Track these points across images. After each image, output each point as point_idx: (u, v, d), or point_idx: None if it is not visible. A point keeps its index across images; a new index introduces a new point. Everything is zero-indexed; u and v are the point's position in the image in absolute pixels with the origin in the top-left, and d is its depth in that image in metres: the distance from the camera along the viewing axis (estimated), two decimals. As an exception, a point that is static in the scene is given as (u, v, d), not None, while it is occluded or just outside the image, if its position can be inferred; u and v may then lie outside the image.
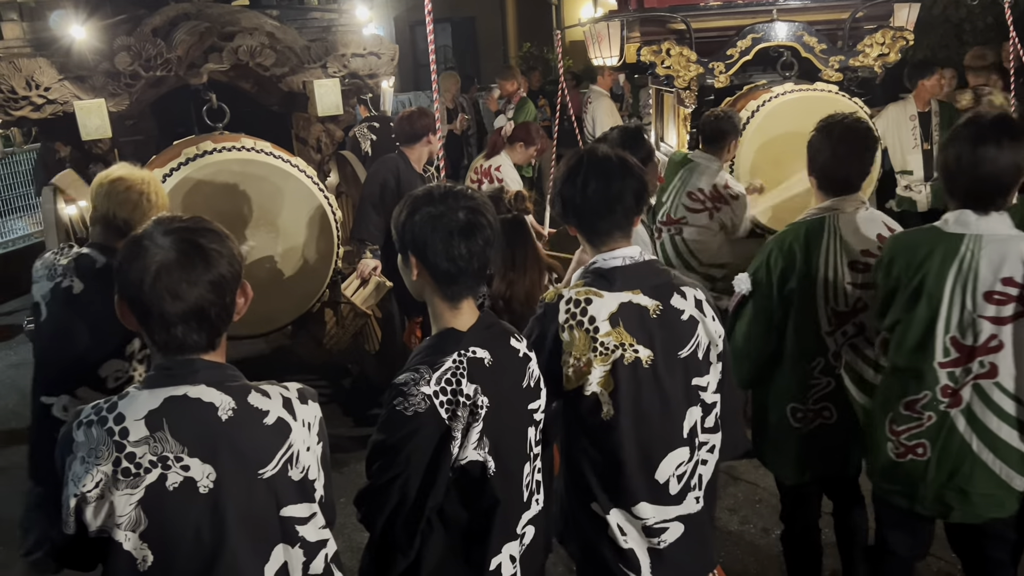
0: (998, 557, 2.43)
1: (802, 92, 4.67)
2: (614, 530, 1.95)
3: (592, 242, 1.99)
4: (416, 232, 1.70)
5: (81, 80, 3.76)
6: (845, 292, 2.55)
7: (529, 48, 13.60)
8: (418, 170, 4.38)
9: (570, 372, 1.90)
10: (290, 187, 3.80)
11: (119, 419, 1.47)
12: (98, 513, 1.47)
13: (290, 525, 1.57)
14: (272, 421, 1.54)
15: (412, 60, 15.34)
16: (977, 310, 2.18)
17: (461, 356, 1.69)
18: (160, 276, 1.47)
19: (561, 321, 1.90)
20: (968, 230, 2.19)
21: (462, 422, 1.66)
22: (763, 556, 3.37)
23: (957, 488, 2.30)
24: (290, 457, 1.55)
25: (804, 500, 2.84)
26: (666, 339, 1.91)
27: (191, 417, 1.49)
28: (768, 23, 4.98)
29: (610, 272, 1.93)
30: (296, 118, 4.38)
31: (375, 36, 4.46)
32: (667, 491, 1.94)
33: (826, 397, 2.64)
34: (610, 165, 1.95)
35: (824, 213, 2.60)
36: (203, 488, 1.49)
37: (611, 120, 8.20)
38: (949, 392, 2.25)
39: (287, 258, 3.88)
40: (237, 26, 4.00)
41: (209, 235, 1.54)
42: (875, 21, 5.15)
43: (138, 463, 1.46)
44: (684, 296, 1.95)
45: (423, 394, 1.63)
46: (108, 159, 4.03)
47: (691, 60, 4.97)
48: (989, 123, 2.18)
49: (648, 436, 1.91)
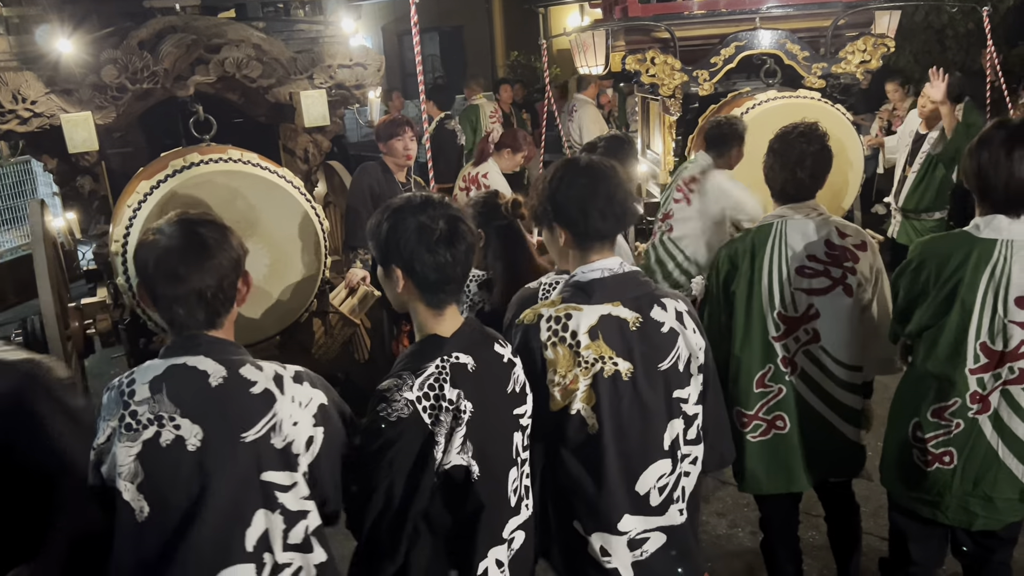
0: (1001, 559, 2.46)
1: (785, 99, 4.71)
2: (595, 552, 1.94)
3: (581, 247, 1.95)
4: (401, 244, 1.71)
5: (68, 93, 3.76)
6: (793, 297, 2.56)
7: (517, 57, 13.65)
8: (400, 179, 4.41)
9: (556, 393, 1.88)
10: (277, 198, 3.80)
11: (131, 383, 1.67)
12: (107, 463, 1.65)
13: (270, 490, 1.68)
14: (259, 391, 1.68)
15: (400, 70, 15.38)
16: (1008, 315, 2.17)
17: (444, 362, 1.71)
18: (161, 261, 1.68)
19: (544, 339, 1.88)
20: (1001, 235, 2.19)
21: (445, 427, 1.67)
22: (751, 559, 3.39)
23: (982, 495, 2.29)
24: (273, 426, 1.68)
25: (776, 508, 2.83)
26: (646, 352, 1.90)
27: (186, 382, 1.66)
28: (751, 31, 5.03)
29: (588, 285, 1.92)
30: (283, 129, 4.39)
31: (361, 47, 4.48)
32: (648, 503, 1.94)
33: (778, 406, 2.63)
34: (603, 173, 1.94)
35: (774, 219, 2.62)
36: (191, 446, 1.64)
37: (597, 128, 8.24)
38: (978, 398, 2.25)
39: (274, 268, 3.89)
40: (224, 38, 4.01)
41: (209, 226, 1.75)
42: (857, 28, 5.20)
43: (138, 420, 1.64)
44: (664, 308, 1.93)
45: (406, 399, 1.65)
46: (95, 172, 4.04)
47: (675, 68, 5.02)
48: (1020, 127, 2.19)
49: (629, 449, 1.90)
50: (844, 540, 2.92)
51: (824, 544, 3.12)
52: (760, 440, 2.65)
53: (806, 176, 2.59)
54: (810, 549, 3.22)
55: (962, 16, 8.90)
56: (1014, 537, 2.46)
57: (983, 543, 2.42)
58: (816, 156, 2.58)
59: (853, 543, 2.91)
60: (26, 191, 9.03)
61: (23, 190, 9.03)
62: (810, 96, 4.81)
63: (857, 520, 2.89)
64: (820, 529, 3.23)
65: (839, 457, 2.69)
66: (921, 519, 2.43)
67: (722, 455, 2.17)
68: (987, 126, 2.28)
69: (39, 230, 4.07)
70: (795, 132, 2.60)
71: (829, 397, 2.61)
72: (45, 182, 8.68)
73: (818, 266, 2.54)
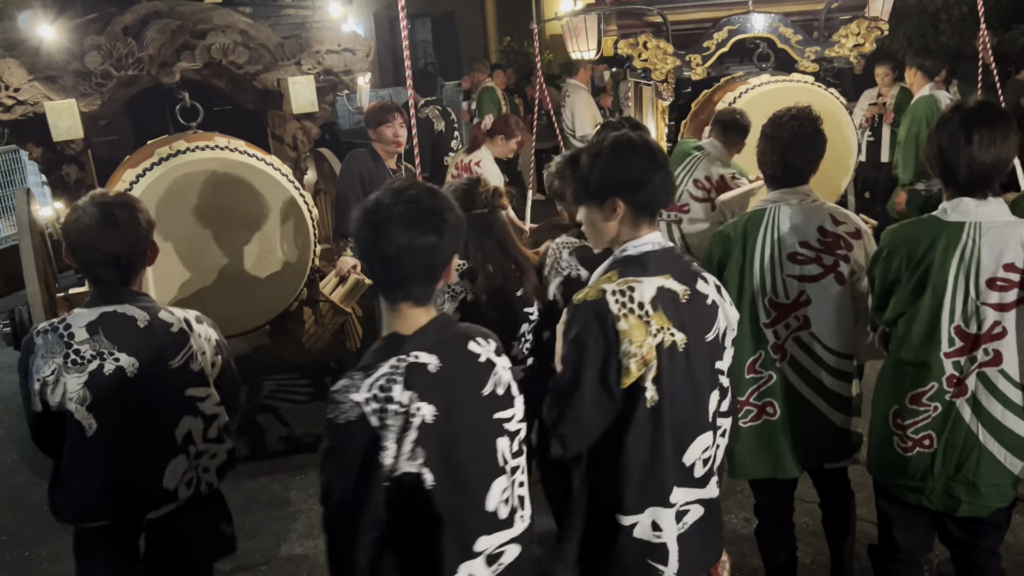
0: (988, 546, 2.44)
1: (778, 83, 4.68)
2: (646, 530, 1.93)
3: (636, 221, 1.95)
4: (359, 236, 1.65)
5: (51, 80, 3.71)
6: (784, 284, 2.55)
7: (509, 42, 13.57)
8: (390, 165, 4.36)
9: (632, 365, 1.84)
10: (265, 185, 3.77)
11: (67, 327, 2.17)
12: (55, 392, 2.14)
13: (192, 403, 2.28)
14: (176, 330, 2.26)
15: (392, 55, 15.28)
16: (980, 297, 2.18)
17: (400, 361, 1.60)
18: (82, 234, 2.17)
19: (615, 311, 1.84)
20: (968, 218, 2.19)
21: (394, 432, 1.56)
22: (744, 544, 3.38)
23: (965, 480, 2.29)
24: (191, 355, 2.27)
25: (770, 493, 2.82)
26: (695, 323, 1.93)
27: (119, 325, 2.20)
28: (744, 15, 5.00)
29: (642, 257, 1.93)
30: (271, 116, 4.34)
31: (350, 32, 4.43)
32: (693, 474, 1.96)
33: (769, 392, 2.62)
34: (657, 148, 1.98)
35: (768, 204, 2.60)
36: (130, 373, 2.19)
37: (590, 113, 8.20)
38: (955, 382, 2.25)
39: (263, 256, 3.86)
40: (209, 24, 3.96)
41: (122, 207, 2.20)
42: (850, 11, 5.18)
43: (82, 356, 2.16)
44: (707, 281, 1.99)
45: (352, 402, 1.56)
46: (81, 160, 3.99)
47: (668, 53, 4.98)
48: (978, 109, 2.19)
49: (682, 420, 1.92)
50: (837, 525, 2.91)
51: (817, 530, 3.11)
52: (750, 426, 2.65)
53: (799, 160, 2.57)
54: (803, 535, 3.21)
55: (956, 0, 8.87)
56: (1000, 523, 2.44)
57: (969, 529, 2.41)
58: (809, 140, 2.56)
59: (846, 528, 2.90)
60: (15, 180, 8.94)
61: (12, 179, 8.94)
62: (803, 80, 4.78)
63: (851, 505, 2.88)
64: (813, 515, 3.22)
65: (829, 443, 2.68)
66: (906, 505, 2.43)
67: (737, 431, 2.18)
68: (944, 109, 2.29)
69: (25, 220, 4.02)
70: (788, 116, 2.57)
71: (818, 384, 2.60)
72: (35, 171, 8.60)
73: (810, 253, 2.53)
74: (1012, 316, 2.20)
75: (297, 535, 3.74)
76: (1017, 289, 2.18)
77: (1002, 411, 2.25)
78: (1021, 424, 2.26)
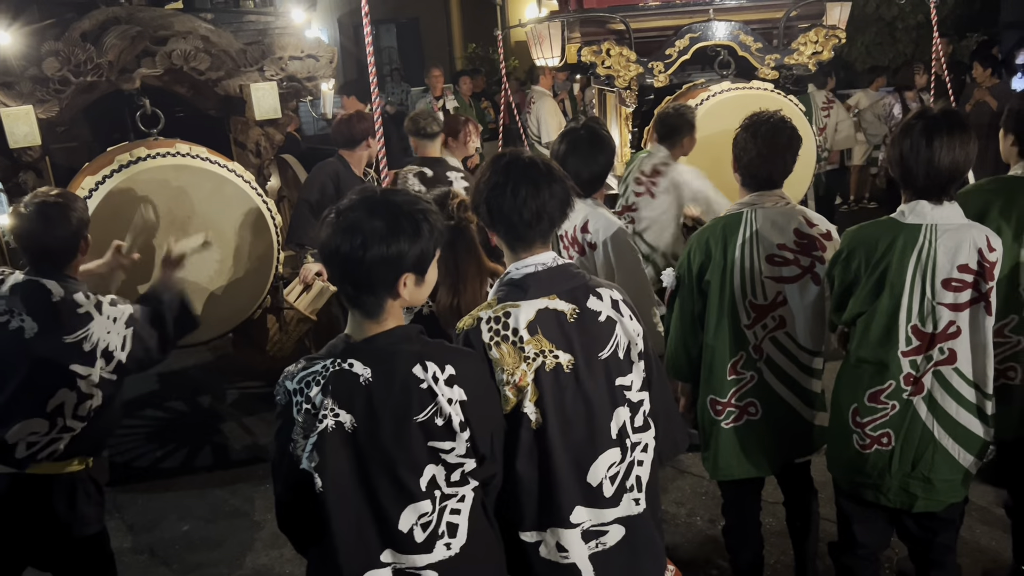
0: (945, 542, 2.50)
1: (739, 90, 4.74)
2: (551, 549, 1.91)
3: (514, 249, 1.94)
4: (322, 241, 1.66)
5: (8, 87, 3.65)
6: (763, 285, 2.59)
7: (474, 49, 13.58)
8: (358, 174, 4.34)
9: (509, 392, 1.84)
10: (227, 192, 3.74)
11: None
12: None
13: (72, 377, 2.49)
14: (83, 312, 2.51)
15: (357, 62, 15.20)
16: (936, 298, 2.24)
17: (334, 364, 1.66)
18: (22, 227, 2.52)
19: (487, 340, 1.84)
20: (925, 220, 2.25)
21: (301, 428, 1.65)
22: (709, 546, 3.42)
23: (921, 476, 2.34)
24: (87, 336, 2.50)
25: (740, 494, 2.86)
26: (585, 342, 1.88)
27: (34, 292, 2.49)
28: (705, 22, 5.05)
29: (522, 280, 1.90)
30: (234, 122, 4.31)
31: (314, 38, 4.41)
32: (602, 494, 1.91)
33: (751, 392, 2.66)
34: (537, 173, 1.89)
35: (743, 208, 2.63)
36: (27, 335, 2.46)
37: (555, 120, 8.23)
38: (912, 380, 2.31)
39: (225, 264, 3.82)
40: (170, 30, 3.92)
41: (56, 207, 2.53)
42: (808, 20, 5.25)
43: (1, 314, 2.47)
44: (600, 298, 1.92)
45: (285, 388, 1.69)
46: (39, 167, 3.93)
47: (631, 60, 5.02)
48: (939, 117, 2.24)
49: (576, 440, 1.88)
50: (800, 523, 2.95)
51: (781, 530, 3.15)
52: (733, 427, 2.68)
53: (778, 163, 2.61)
54: (768, 535, 3.24)
55: (912, 8, 9.06)
56: (954, 519, 2.50)
57: (926, 525, 2.46)
58: (790, 144, 2.61)
59: (809, 526, 2.95)
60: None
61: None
62: (763, 87, 4.85)
63: (811, 501, 2.93)
64: (777, 516, 3.26)
65: (801, 439, 2.73)
66: (865, 502, 2.48)
67: (675, 442, 2.14)
68: (908, 116, 2.34)
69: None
70: (763, 120, 2.60)
71: (792, 382, 2.65)
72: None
73: (788, 255, 2.57)
74: (966, 316, 2.26)
75: (262, 544, 3.71)
76: (971, 289, 2.24)
77: (956, 408, 2.32)
78: (974, 420, 2.33)
